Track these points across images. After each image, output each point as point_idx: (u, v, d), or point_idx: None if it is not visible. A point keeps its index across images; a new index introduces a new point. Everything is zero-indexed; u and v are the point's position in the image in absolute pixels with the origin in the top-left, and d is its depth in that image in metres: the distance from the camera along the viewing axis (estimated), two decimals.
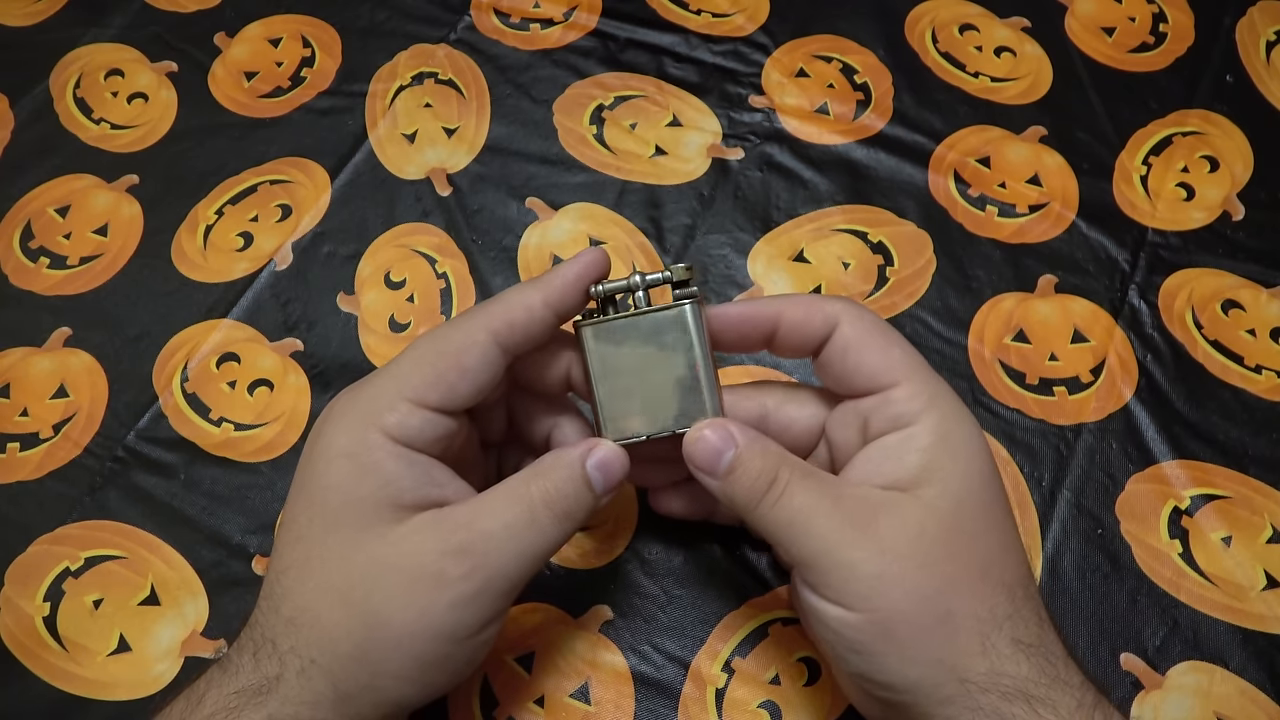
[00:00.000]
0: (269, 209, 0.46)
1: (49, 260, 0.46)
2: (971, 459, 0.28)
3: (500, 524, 0.28)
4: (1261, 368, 0.42)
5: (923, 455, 0.28)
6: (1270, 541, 0.38)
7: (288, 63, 0.51)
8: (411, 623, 0.27)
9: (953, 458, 0.28)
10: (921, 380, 0.29)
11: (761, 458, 0.28)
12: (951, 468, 0.28)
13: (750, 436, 0.29)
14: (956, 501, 0.27)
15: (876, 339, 0.29)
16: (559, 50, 0.51)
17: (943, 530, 0.27)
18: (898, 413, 0.28)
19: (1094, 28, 0.51)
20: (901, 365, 0.29)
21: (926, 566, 0.27)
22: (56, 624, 0.37)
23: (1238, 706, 0.35)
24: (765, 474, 0.28)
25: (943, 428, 0.28)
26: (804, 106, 0.49)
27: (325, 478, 0.28)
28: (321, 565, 0.27)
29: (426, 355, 0.28)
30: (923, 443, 0.28)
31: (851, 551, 0.27)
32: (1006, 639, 0.26)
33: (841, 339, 0.29)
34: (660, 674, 0.36)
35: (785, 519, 0.27)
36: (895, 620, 0.26)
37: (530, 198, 0.46)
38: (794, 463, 0.28)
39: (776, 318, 0.30)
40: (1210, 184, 0.46)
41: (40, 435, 0.41)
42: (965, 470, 0.28)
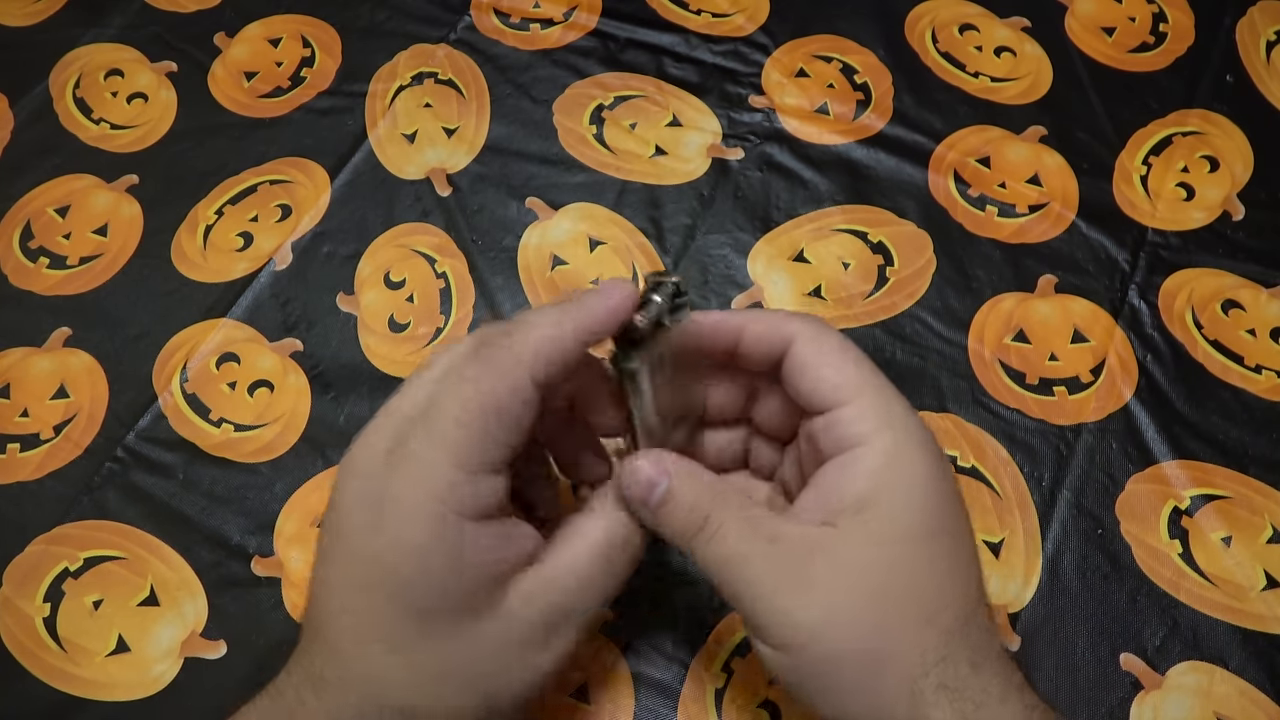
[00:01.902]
0: (269, 209, 0.46)
1: (49, 260, 0.46)
2: (922, 484, 0.27)
3: (584, 579, 0.28)
4: (1261, 367, 0.42)
5: (869, 480, 0.27)
6: (1270, 542, 0.38)
7: (288, 63, 0.51)
8: (523, 691, 0.27)
9: (901, 483, 0.27)
10: (873, 400, 0.28)
11: (693, 493, 0.27)
12: (898, 494, 0.26)
13: (685, 470, 0.28)
14: (901, 532, 0.26)
15: (829, 357, 0.28)
16: (559, 50, 0.51)
17: (882, 567, 0.26)
18: (844, 434, 0.27)
19: (1094, 28, 0.51)
20: (853, 384, 0.28)
21: (861, 611, 0.26)
22: (56, 625, 0.37)
23: (1238, 707, 0.35)
24: (698, 511, 0.27)
25: (893, 450, 0.27)
26: (804, 106, 0.49)
27: (408, 574, 0.25)
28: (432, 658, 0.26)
29: (470, 412, 0.26)
30: (869, 465, 0.27)
31: (784, 599, 0.26)
32: (933, 684, 0.26)
33: (796, 356, 0.29)
34: (660, 674, 0.36)
35: (718, 560, 0.27)
36: (827, 666, 0.26)
37: (530, 198, 0.46)
38: (729, 501, 0.27)
39: (739, 331, 0.30)
40: (1210, 184, 0.46)
41: (41, 436, 0.41)
42: (913, 498, 0.27)
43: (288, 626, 0.37)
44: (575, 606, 0.28)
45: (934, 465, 0.27)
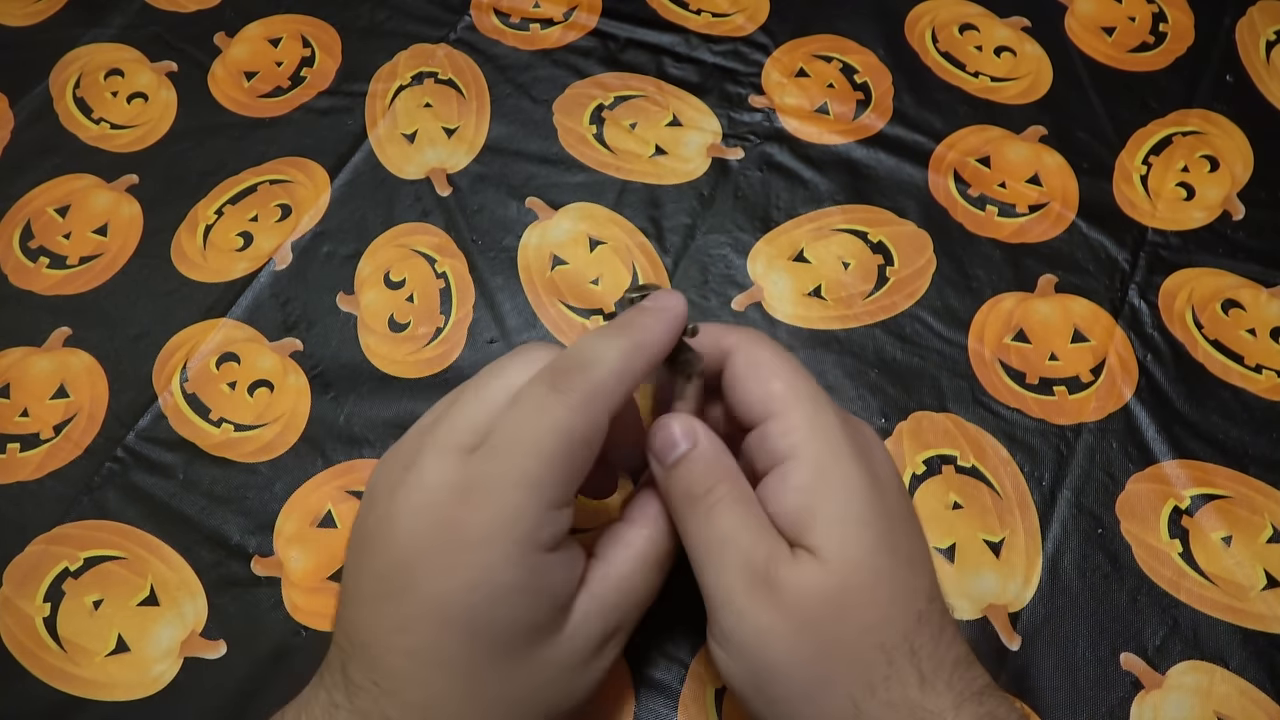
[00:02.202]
0: (269, 209, 0.46)
1: (49, 260, 0.45)
2: (854, 500, 0.26)
3: (632, 591, 0.29)
4: (1262, 367, 0.42)
5: (799, 495, 0.27)
6: (1270, 541, 0.38)
7: (287, 62, 0.51)
8: (580, 703, 0.29)
9: (833, 499, 0.26)
10: (801, 413, 0.27)
11: (708, 464, 0.28)
12: (833, 510, 0.26)
13: (711, 443, 0.28)
14: (841, 554, 0.26)
15: (760, 371, 0.28)
16: (559, 50, 0.51)
17: (832, 592, 0.26)
18: (772, 448, 0.27)
19: (1094, 27, 0.51)
20: (780, 398, 0.28)
21: (810, 629, 0.26)
22: (56, 624, 0.37)
23: (1238, 706, 0.35)
24: (705, 480, 0.27)
25: (818, 465, 0.27)
26: (804, 106, 0.49)
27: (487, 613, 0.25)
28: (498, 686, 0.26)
29: (557, 450, 0.26)
30: (796, 481, 0.27)
31: (746, 600, 0.26)
32: (879, 703, 0.25)
33: (730, 371, 0.29)
34: (660, 674, 0.36)
35: (704, 538, 0.27)
36: (771, 678, 0.26)
37: (530, 197, 0.46)
38: (738, 484, 0.27)
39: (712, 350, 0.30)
40: (1210, 184, 0.46)
41: (41, 436, 0.41)
42: (849, 514, 0.26)
43: (287, 626, 0.37)
44: (627, 618, 0.29)
45: (866, 476, 0.27)
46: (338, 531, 0.39)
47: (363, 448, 0.40)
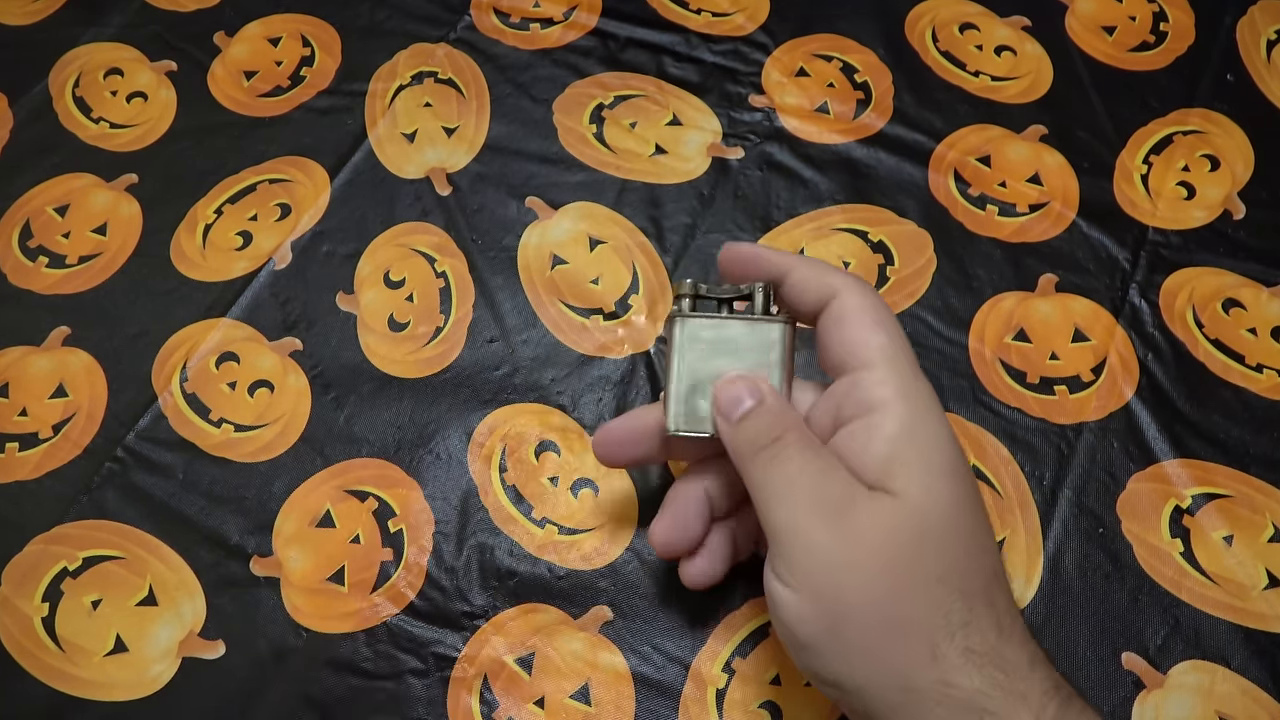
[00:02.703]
0: (268, 208, 0.46)
1: (48, 259, 0.45)
2: (940, 455, 0.27)
3: None
4: (1263, 366, 0.42)
5: (888, 445, 0.27)
6: (1272, 540, 0.38)
7: (287, 62, 0.51)
8: None
9: (920, 452, 0.27)
10: (896, 370, 0.28)
11: (775, 415, 0.29)
12: (918, 462, 0.27)
13: (776, 398, 0.29)
14: (924, 500, 0.27)
15: (865, 318, 0.29)
16: (559, 50, 0.51)
17: (912, 532, 0.26)
18: (865, 397, 0.28)
19: (1094, 27, 0.51)
20: (880, 350, 0.28)
21: (888, 568, 0.26)
22: (55, 624, 0.37)
23: (1239, 706, 0.35)
24: (772, 430, 0.28)
25: (910, 420, 0.27)
26: (804, 106, 0.49)
27: None
28: None
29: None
30: (887, 431, 0.27)
31: (820, 533, 0.26)
32: (958, 648, 0.25)
33: (836, 310, 0.30)
34: (660, 674, 0.36)
35: (771, 479, 0.28)
36: (845, 617, 0.26)
37: (530, 197, 0.46)
38: (804, 431, 0.28)
39: (786, 271, 0.31)
40: (1211, 183, 0.46)
41: (40, 435, 0.41)
42: (932, 466, 0.27)
43: (286, 626, 0.37)
44: None
45: (950, 442, 0.28)
46: (336, 531, 0.39)
47: (362, 447, 0.40)
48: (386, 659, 0.36)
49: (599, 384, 0.42)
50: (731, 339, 0.31)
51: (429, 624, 0.37)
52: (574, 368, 0.42)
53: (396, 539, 0.38)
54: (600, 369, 0.42)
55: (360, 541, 0.38)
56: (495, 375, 0.42)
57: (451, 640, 0.36)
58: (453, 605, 0.37)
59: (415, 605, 0.37)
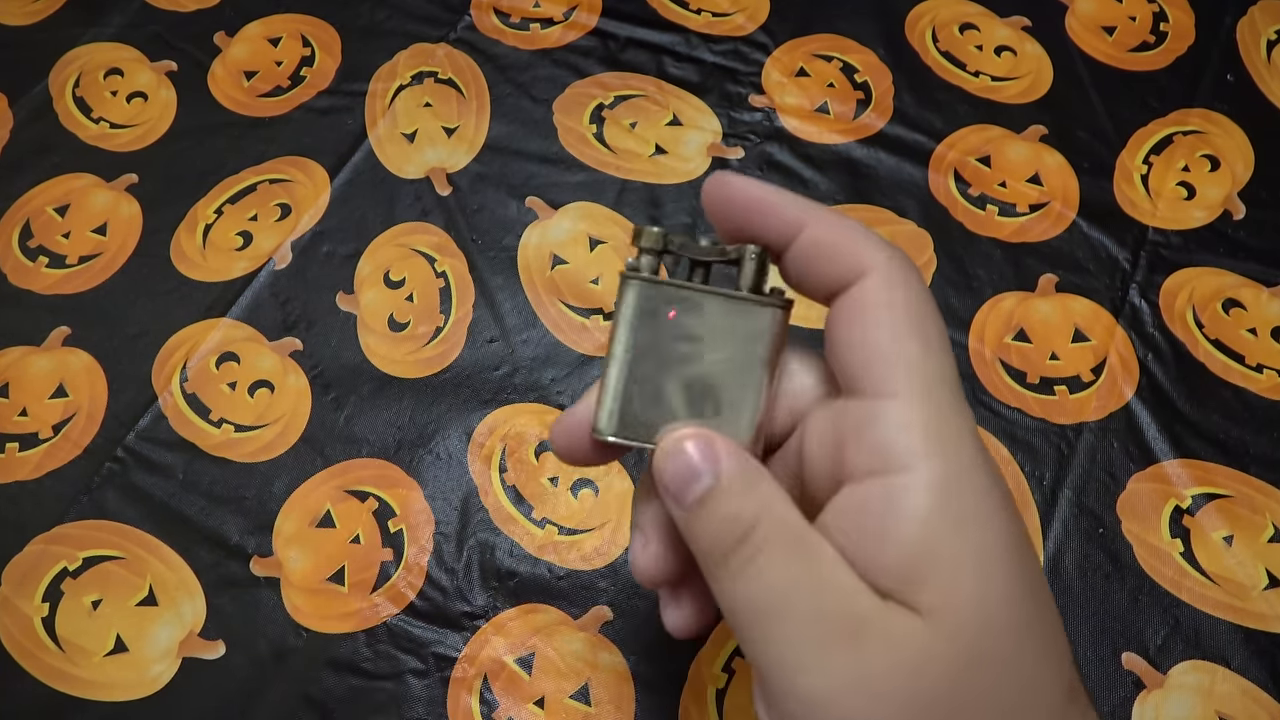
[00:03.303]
0: (268, 208, 0.46)
1: (48, 259, 0.45)
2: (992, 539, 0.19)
3: None
4: (1263, 367, 0.42)
5: (917, 531, 0.18)
6: (1272, 540, 0.38)
7: (287, 62, 0.51)
8: None
9: (965, 541, 0.18)
10: (932, 402, 0.19)
11: (742, 496, 0.20)
12: (962, 558, 0.18)
13: (741, 465, 0.21)
14: (974, 620, 0.18)
15: (897, 315, 0.20)
16: (559, 50, 0.51)
17: (949, 671, 0.18)
18: (883, 442, 0.19)
19: (1094, 27, 0.51)
20: (911, 368, 0.19)
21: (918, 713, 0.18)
22: (55, 624, 0.37)
23: (1240, 706, 0.35)
24: (740, 520, 0.20)
25: (951, 489, 0.19)
26: (804, 106, 0.49)
27: None
28: None
29: None
30: (916, 508, 0.18)
31: (817, 675, 0.19)
32: None
33: (858, 296, 0.20)
34: (660, 674, 0.36)
35: (747, 599, 0.20)
36: None
37: (530, 197, 0.46)
38: (783, 517, 0.20)
39: (799, 226, 0.21)
40: (1211, 183, 0.46)
41: (40, 435, 0.41)
42: (983, 563, 0.18)
43: (286, 627, 0.37)
44: None
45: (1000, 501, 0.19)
46: (336, 532, 0.39)
47: (362, 447, 0.40)
48: (386, 659, 0.36)
49: None
50: (703, 321, 0.22)
51: (429, 624, 0.37)
52: (574, 368, 0.42)
53: (396, 539, 0.38)
54: (600, 369, 0.42)
55: (360, 542, 0.38)
56: (495, 375, 0.42)
57: (451, 640, 0.36)
58: (453, 605, 0.37)
59: (415, 605, 0.37)
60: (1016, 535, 0.19)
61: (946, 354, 0.20)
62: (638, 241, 0.23)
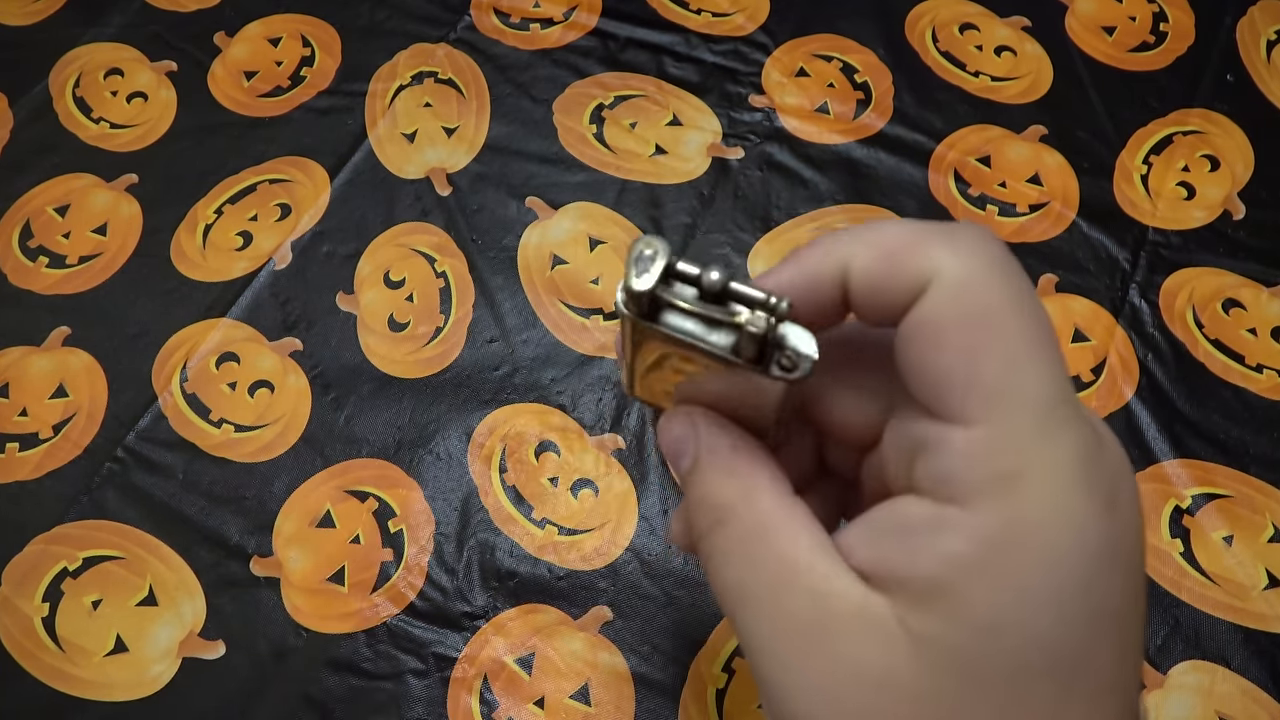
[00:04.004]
0: (268, 208, 0.46)
1: (48, 259, 0.45)
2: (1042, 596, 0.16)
3: None
4: (1263, 367, 0.42)
5: (947, 569, 0.16)
6: (1272, 540, 0.38)
7: (287, 62, 0.51)
8: None
9: (996, 592, 0.16)
10: (1012, 431, 0.16)
11: (719, 482, 0.19)
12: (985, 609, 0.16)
13: (715, 448, 0.20)
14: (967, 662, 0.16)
15: (971, 331, 0.17)
16: (559, 50, 0.51)
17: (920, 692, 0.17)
18: (946, 472, 0.17)
19: (1094, 27, 0.51)
20: (991, 392, 0.16)
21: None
22: (55, 624, 0.37)
23: (1239, 706, 0.35)
24: (713, 505, 0.19)
25: (1000, 536, 0.16)
26: (804, 106, 0.49)
27: None
28: None
29: None
30: (954, 548, 0.16)
31: (785, 673, 0.18)
32: None
33: (921, 315, 0.17)
34: (660, 674, 0.36)
35: (722, 583, 0.19)
36: None
37: (530, 197, 0.46)
38: (761, 507, 0.19)
39: (842, 270, 0.18)
40: (1211, 183, 0.46)
41: (40, 435, 0.41)
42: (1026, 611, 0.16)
43: (286, 627, 0.37)
44: None
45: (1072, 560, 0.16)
46: (336, 532, 0.39)
47: (362, 447, 0.40)
48: (386, 659, 0.36)
49: (599, 384, 0.42)
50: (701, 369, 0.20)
51: (429, 624, 0.37)
52: (574, 368, 0.42)
53: (397, 539, 0.38)
54: (600, 369, 0.42)
55: (360, 542, 0.38)
56: (495, 375, 0.42)
57: (452, 640, 0.36)
58: (453, 606, 0.37)
59: (415, 605, 0.37)
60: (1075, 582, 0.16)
61: (1039, 364, 0.17)
62: (638, 260, 0.18)
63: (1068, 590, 0.16)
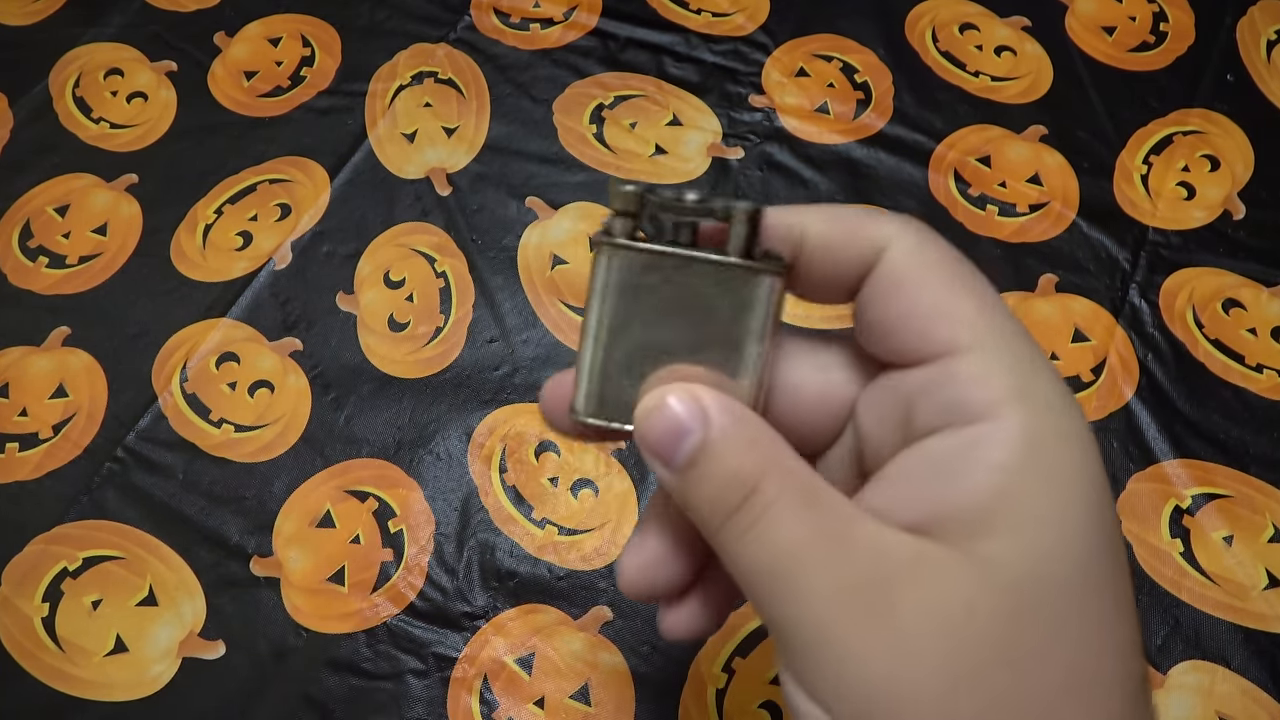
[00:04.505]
0: (268, 208, 0.46)
1: (48, 259, 0.45)
2: (1079, 499, 0.17)
3: None
4: (1262, 366, 0.42)
5: (999, 477, 0.17)
6: (1271, 540, 0.38)
7: (287, 62, 0.51)
8: None
9: (1049, 489, 0.17)
10: (1004, 350, 0.18)
11: (742, 453, 0.18)
12: (1045, 507, 0.17)
13: (733, 416, 0.19)
14: (1040, 568, 0.17)
15: (941, 275, 0.19)
16: (559, 50, 0.51)
17: (1003, 617, 0.17)
18: (959, 399, 0.18)
19: (1094, 27, 0.51)
20: (975, 322, 0.18)
21: (965, 679, 0.16)
22: (55, 625, 0.37)
23: (1239, 706, 0.35)
24: (742, 479, 0.18)
25: (1033, 436, 0.17)
26: (804, 106, 0.49)
27: None
28: None
29: None
30: (998, 456, 0.17)
31: (852, 637, 0.17)
32: None
33: (889, 270, 0.19)
34: (660, 674, 0.36)
35: (759, 560, 0.18)
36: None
37: (530, 197, 0.46)
38: (791, 470, 0.18)
39: (798, 235, 0.20)
40: (1211, 183, 0.46)
41: (40, 436, 0.41)
42: (1065, 521, 0.17)
43: (286, 626, 0.37)
44: None
45: (1094, 469, 0.18)
46: (336, 532, 0.39)
47: (362, 447, 0.40)
48: (386, 659, 0.36)
49: None
50: (688, 291, 0.20)
51: (429, 624, 0.37)
52: None
53: (397, 539, 0.38)
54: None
55: (360, 542, 0.38)
56: (495, 375, 0.42)
57: (452, 640, 0.36)
58: (453, 606, 0.37)
59: (415, 605, 0.37)
60: (1101, 490, 0.18)
61: (994, 296, 0.19)
62: (615, 199, 0.20)
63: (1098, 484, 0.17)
